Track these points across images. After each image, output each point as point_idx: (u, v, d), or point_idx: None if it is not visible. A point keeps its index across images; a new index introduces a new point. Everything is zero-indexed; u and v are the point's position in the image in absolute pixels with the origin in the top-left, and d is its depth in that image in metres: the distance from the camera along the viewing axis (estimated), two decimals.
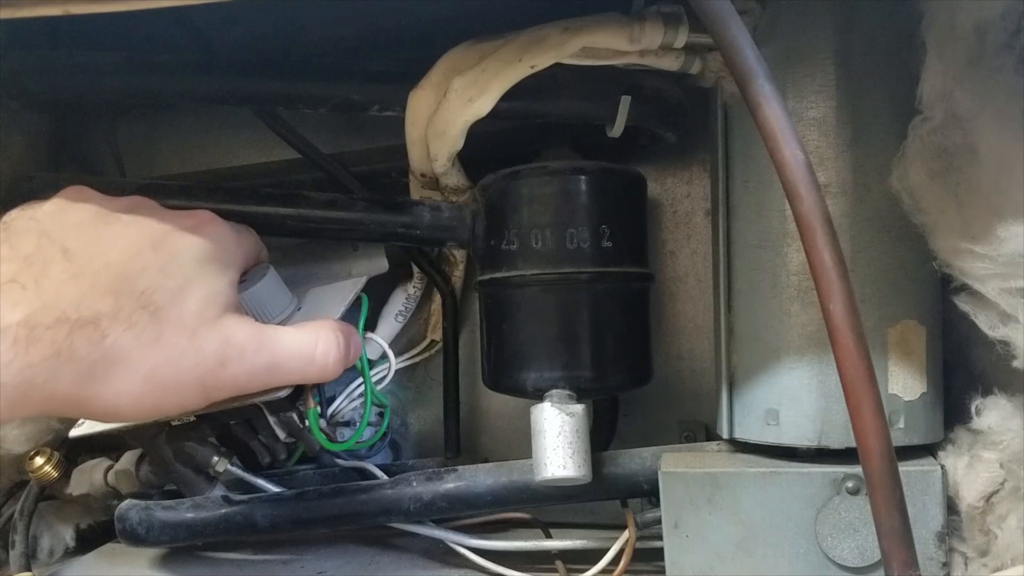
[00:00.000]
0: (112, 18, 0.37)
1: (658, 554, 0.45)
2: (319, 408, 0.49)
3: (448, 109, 0.46)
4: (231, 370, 0.40)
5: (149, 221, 0.40)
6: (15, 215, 0.39)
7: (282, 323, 0.51)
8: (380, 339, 0.54)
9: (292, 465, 0.56)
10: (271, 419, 0.50)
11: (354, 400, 0.54)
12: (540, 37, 0.43)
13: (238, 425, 0.51)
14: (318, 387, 0.49)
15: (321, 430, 0.49)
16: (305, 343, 0.43)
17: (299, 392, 0.48)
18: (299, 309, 0.52)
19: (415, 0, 0.48)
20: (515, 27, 0.45)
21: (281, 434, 0.50)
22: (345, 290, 0.53)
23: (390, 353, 0.53)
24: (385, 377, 0.54)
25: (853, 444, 0.32)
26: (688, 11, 0.43)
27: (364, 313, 0.51)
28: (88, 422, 0.51)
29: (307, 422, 0.49)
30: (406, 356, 0.59)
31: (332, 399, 0.55)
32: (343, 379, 0.53)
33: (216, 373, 0.40)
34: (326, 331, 0.44)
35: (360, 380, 0.54)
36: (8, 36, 0.50)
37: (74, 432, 0.51)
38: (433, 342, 0.60)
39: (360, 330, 0.51)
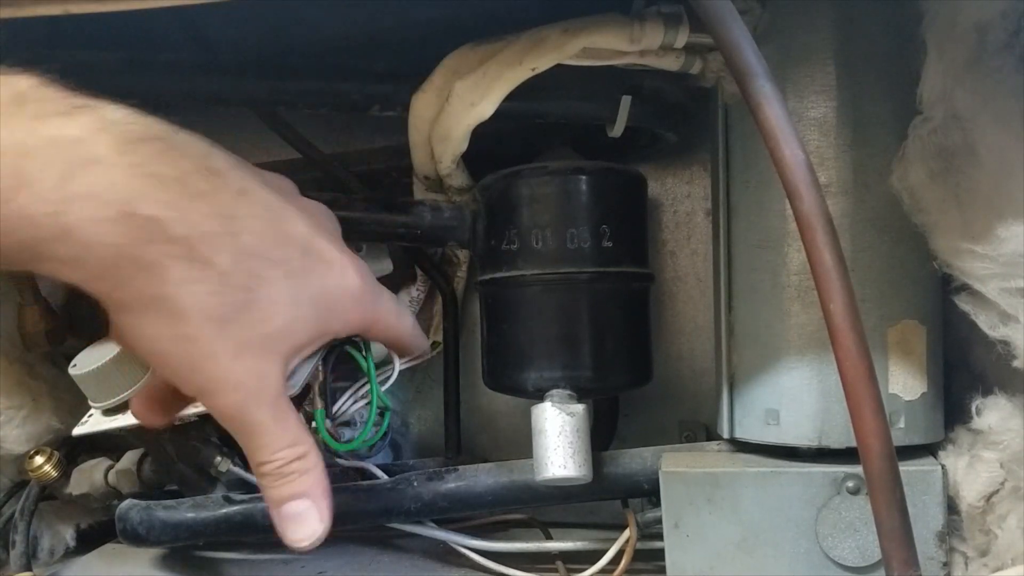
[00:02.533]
0: (112, 18, 0.37)
1: (658, 554, 0.45)
2: (325, 408, 0.49)
3: (451, 113, 0.46)
4: (231, 400, 0.37)
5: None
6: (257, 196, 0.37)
7: None
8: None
9: None
10: None
11: (358, 401, 0.54)
12: (541, 39, 0.43)
13: None
14: (324, 387, 0.49)
15: (327, 430, 0.50)
16: (280, 438, 0.39)
17: (306, 392, 0.48)
18: None
19: (415, 1, 0.48)
20: (515, 28, 0.45)
21: None
22: None
23: (395, 355, 0.53)
24: (389, 378, 0.54)
25: (853, 444, 0.32)
26: (688, 11, 0.43)
27: None
28: (91, 421, 0.51)
29: (314, 423, 0.49)
30: (409, 358, 0.59)
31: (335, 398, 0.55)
32: (347, 378, 0.53)
33: (222, 391, 0.37)
34: (304, 446, 0.40)
35: (364, 380, 0.54)
36: (8, 36, 0.50)
37: (77, 430, 0.51)
38: (436, 343, 0.59)
39: None
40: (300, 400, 0.48)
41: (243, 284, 0.36)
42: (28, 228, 0.32)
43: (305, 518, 0.40)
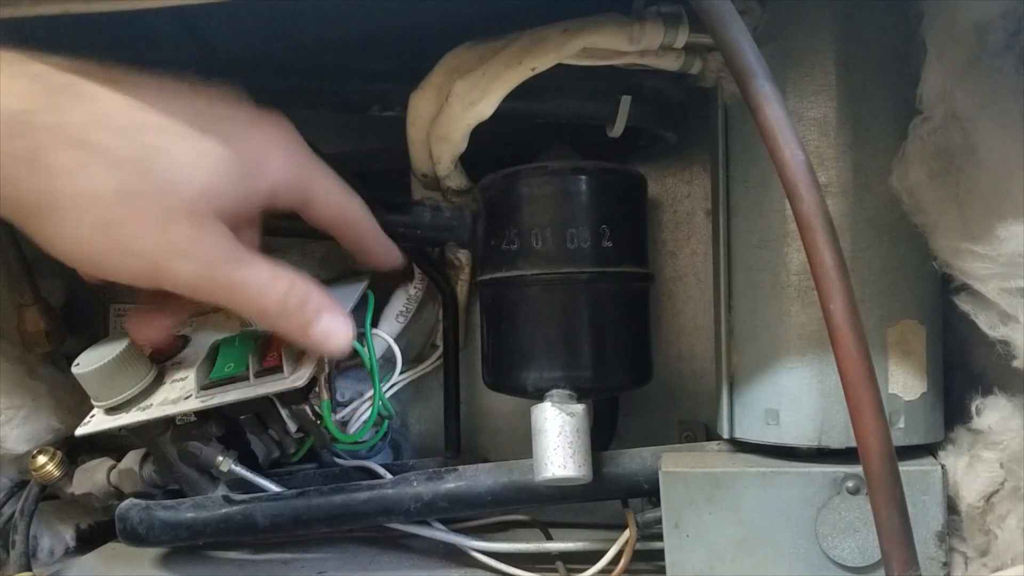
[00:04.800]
0: (112, 18, 0.37)
1: (658, 554, 0.45)
2: (331, 399, 0.49)
3: (450, 113, 0.46)
4: (186, 268, 0.37)
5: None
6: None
7: None
8: (385, 334, 0.54)
9: (295, 462, 0.56)
10: (283, 411, 0.50)
11: (364, 402, 0.54)
12: (540, 39, 0.43)
13: (248, 419, 0.51)
14: (329, 379, 0.49)
15: (333, 422, 0.50)
16: (263, 282, 0.39)
17: (312, 384, 0.48)
18: None
19: (415, 0, 0.48)
20: (515, 28, 0.45)
21: (292, 427, 0.51)
22: (351, 287, 0.53)
23: (395, 346, 0.53)
24: (392, 374, 0.54)
25: (853, 444, 0.32)
26: (688, 11, 0.43)
27: (371, 309, 0.51)
28: (94, 420, 0.52)
29: (320, 414, 0.49)
30: (420, 368, 0.59)
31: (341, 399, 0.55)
32: (358, 377, 0.54)
33: (171, 264, 0.37)
34: (287, 279, 0.40)
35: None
36: (8, 36, 0.50)
37: (80, 430, 0.52)
38: (435, 346, 0.59)
39: (367, 325, 0.51)
40: (306, 392, 0.49)
41: (135, 156, 0.35)
42: None
43: (333, 330, 0.42)
